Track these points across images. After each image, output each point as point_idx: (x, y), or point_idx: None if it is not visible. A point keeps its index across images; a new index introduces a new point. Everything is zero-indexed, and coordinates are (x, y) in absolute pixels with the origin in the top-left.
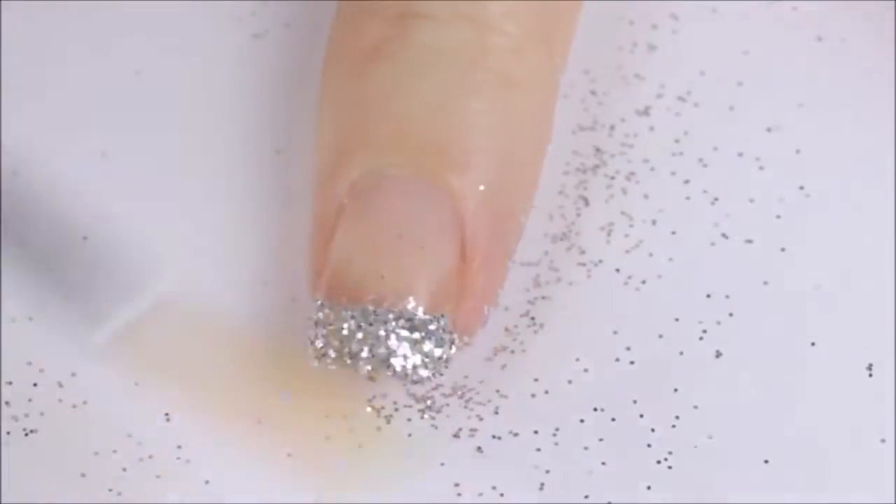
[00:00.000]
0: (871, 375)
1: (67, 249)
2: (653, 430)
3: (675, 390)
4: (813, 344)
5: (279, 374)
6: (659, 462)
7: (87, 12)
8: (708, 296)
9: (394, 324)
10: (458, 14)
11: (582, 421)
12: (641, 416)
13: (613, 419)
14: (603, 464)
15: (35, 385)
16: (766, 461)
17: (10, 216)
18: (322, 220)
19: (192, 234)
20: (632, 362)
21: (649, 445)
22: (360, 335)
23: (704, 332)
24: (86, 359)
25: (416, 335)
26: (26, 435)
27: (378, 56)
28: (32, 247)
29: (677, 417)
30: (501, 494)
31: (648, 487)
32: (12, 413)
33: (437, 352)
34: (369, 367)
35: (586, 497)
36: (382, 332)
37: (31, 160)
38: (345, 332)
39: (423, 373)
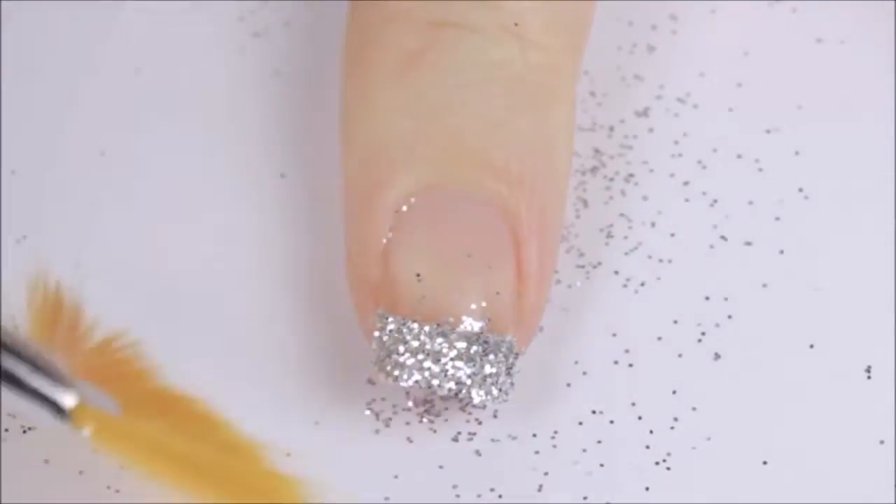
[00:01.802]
0: (869, 377)
1: (66, 249)
2: (651, 431)
3: (674, 392)
4: (811, 346)
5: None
6: (657, 463)
7: (88, 12)
8: (707, 298)
9: (466, 345)
10: (498, 26)
11: (580, 423)
12: (640, 417)
13: (612, 421)
14: (601, 465)
15: None
16: (765, 462)
17: (9, 215)
18: (372, 231)
19: (192, 234)
20: (630, 365)
21: (648, 447)
22: (446, 357)
23: (703, 334)
24: None
25: (492, 357)
26: (24, 432)
27: (419, 64)
28: (32, 246)
29: (676, 419)
30: (500, 496)
31: (647, 489)
32: (10, 410)
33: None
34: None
35: (585, 498)
36: (454, 353)
37: (31, 160)
38: (420, 354)
39: (495, 392)
